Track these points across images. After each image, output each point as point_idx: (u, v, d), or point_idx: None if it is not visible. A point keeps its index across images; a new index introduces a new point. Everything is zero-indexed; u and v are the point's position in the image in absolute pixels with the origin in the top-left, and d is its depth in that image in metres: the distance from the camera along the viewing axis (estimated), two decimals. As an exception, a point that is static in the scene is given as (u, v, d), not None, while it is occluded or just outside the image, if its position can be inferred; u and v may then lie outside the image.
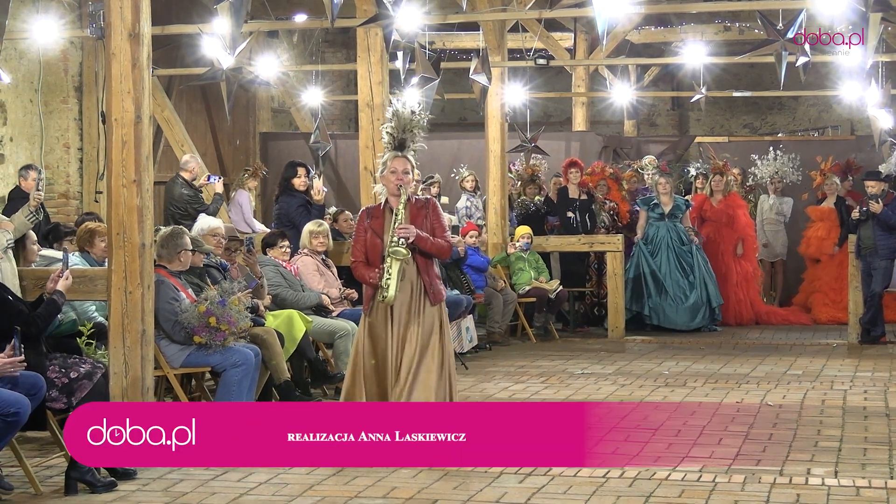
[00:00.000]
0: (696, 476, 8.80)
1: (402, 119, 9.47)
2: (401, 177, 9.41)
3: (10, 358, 7.98)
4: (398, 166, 9.43)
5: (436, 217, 9.58)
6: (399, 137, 9.48)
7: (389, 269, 9.22)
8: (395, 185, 9.38)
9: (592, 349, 16.38)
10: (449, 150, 21.57)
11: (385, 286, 9.20)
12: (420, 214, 9.50)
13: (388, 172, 9.43)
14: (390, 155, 9.48)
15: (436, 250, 9.48)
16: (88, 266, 10.71)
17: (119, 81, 9.35)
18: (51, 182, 17.79)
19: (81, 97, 18.27)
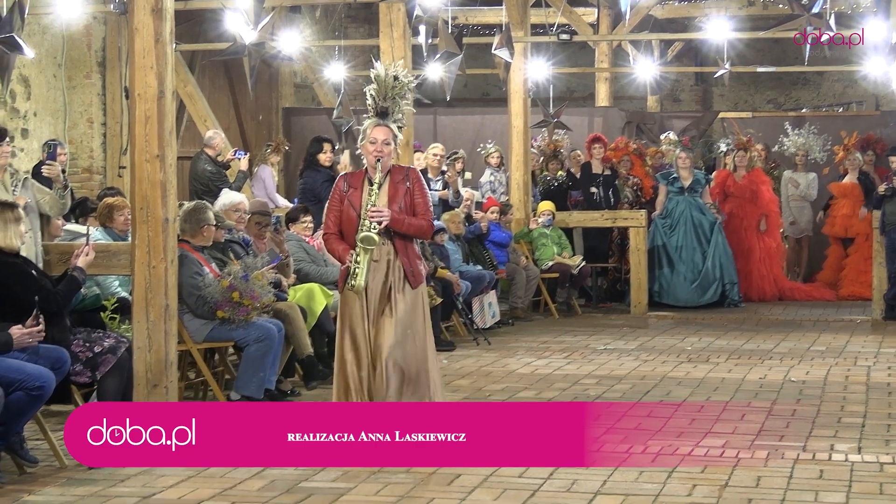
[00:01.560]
0: (718, 452, 8.79)
1: (384, 84, 8.69)
2: (380, 148, 8.61)
3: (30, 328, 8.00)
4: (378, 136, 8.62)
5: (419, 190, 8.77)
6: (380, 104, 8.70)
7: (359, 257, 8.54)
8: (374, 158, 8.61)
9: (615, 325, 16.38)
10: (472, 126, 21.57)
11: (354, 274, 8.54)
12: (400, 189, 8.70)
13: (368, 142, 8.64)
14: (371, 122, 8.69)
15: (414, 231, 8.72)
16: (111, 241, 10.73)
17: (142, 56, 9.35)
18: (74, 157, 17.83)
19: (105, 72, 18.30)
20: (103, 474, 8.26)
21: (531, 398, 10.96)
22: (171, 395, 9.40)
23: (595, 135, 19.43)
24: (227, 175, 16.47)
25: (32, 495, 7.75)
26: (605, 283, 19.00)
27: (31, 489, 7.89)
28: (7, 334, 7.91)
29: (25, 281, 8.36)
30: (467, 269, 15.49)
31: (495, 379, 12.04)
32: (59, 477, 8.23)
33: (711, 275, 18.09)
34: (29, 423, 8.37)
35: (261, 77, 18.05)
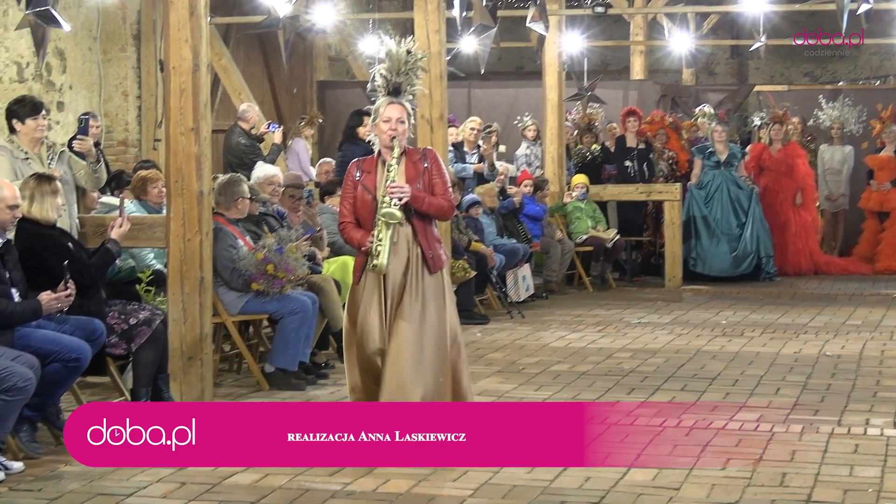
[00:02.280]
0: (753, 426, 8.79)
1: (396, 60, 8.27)
2: (394, 126, 8.13)
3: (58, 294, 8.03)
4: (392, 114, 8.16)
5: (437, 171, 8.29)
6: (393, 81, 8.28)
7: (380, 233, 8.01)
8: (388, 136, 8.14)
9: (649, 298, 16.36)
10: (506, 99, 21.51)
11: (376, 253, 8.00)
12: (417, 169, 8.24)
13: (381, 121, 8.18)
14: (383, 101, 8.24)
15: (434, 211, 8.20)
16: (146, 213, 10.77)
17: (177, 29, 9.37)
18: (109, 130, 17.89)
19: (140, 45, 18.33)
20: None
21: (565, 371, 10.97)
22: (205, 367, 9.45)
23: (630, 108, 19.35)
24: (261, 148, 16.49)
25: (68, 466, 7.80)
26: (640, 257, 18.96)
27: (67, 460, 7.93)
28: (36, 301, 7.95)
29: (60, 252, 8.40)
30: (501, 243, 15.48)
31: (529, 352, 12.05)
32: (95, 448, 8.29)
33: (749, 246, 18.02)
34: (65, 395, 8.43)
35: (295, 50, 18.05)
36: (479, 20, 14.60)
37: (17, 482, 7.43)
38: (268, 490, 7.19)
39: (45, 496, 7.15)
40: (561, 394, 9.97)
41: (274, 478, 7.38)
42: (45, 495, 7.16)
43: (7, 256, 8.13)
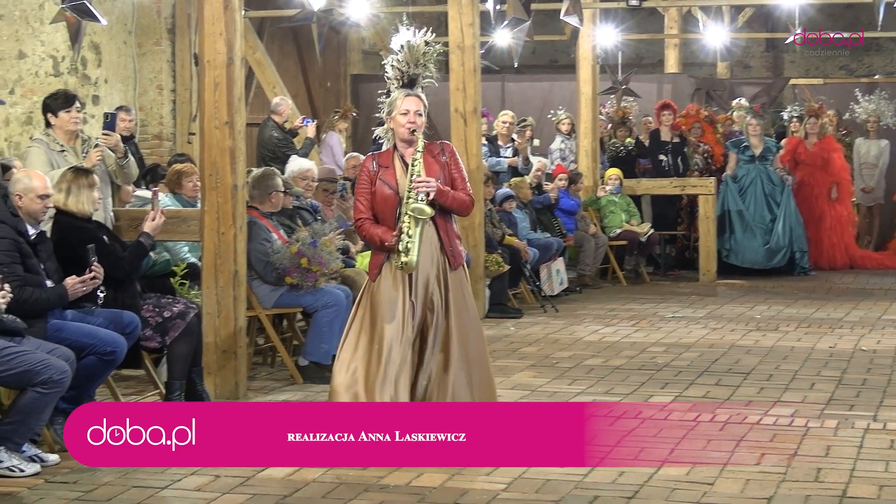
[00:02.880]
0: (787, 421, 8.76)
1: (415, 50, 8.06)
2: (413, 119, 7.91)
3: (83, 277, 8.06)
4: (410, 106, 7.93)
5: (455, 165, 8.07)
6: (410, 73, 8.07)
7: (410, 230, 7.76)
8: (408, 129, 7.91)
9: (683, 292, 16.32)
10: (540, 93, 21.50)
11: (405, 250, 7.73)
12: (436, 163, 8.00)
13: (399, 114, 7.93)
14: (401, 94, 7.99)
15: (457, 206, 7.97)
16: (180, 206, 10.81)
17: (211, 23, 9.39)
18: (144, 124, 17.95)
19: (174, 39, 18.38)
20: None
21: (598, 365, 10.96)
22: (239, 360, 9.48)
23: (664, 102, 19.32)
24: (294, 142, 16.50)
25: (104, 459, 7.85)
26: (674, 251, 18.92)
27: (103, 453, 8.00)
28: (62, 286, 7.99)
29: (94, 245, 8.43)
30: (535, 237, 15.48)
31: (562, 346, 12.05)
32: (129, 441, 8.33)
33: (781, 240, 17.95)
34: (100, 388, 8.47)
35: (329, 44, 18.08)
36: (513, 13, 14.60)
37: (52, 474, 7.47)
38: (301, 483, 7.20)
39: (80, 488, 7.18)
40: (594, 388, 9.96)
41: (307, 471, 7.39)
42: (81, 488, 7.20)
43: (40, 247, 8.18)
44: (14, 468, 7.42)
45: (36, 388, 7.43)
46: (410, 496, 6.96)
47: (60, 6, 10.80)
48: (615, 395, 9.66)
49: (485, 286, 13.98)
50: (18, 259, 7.90)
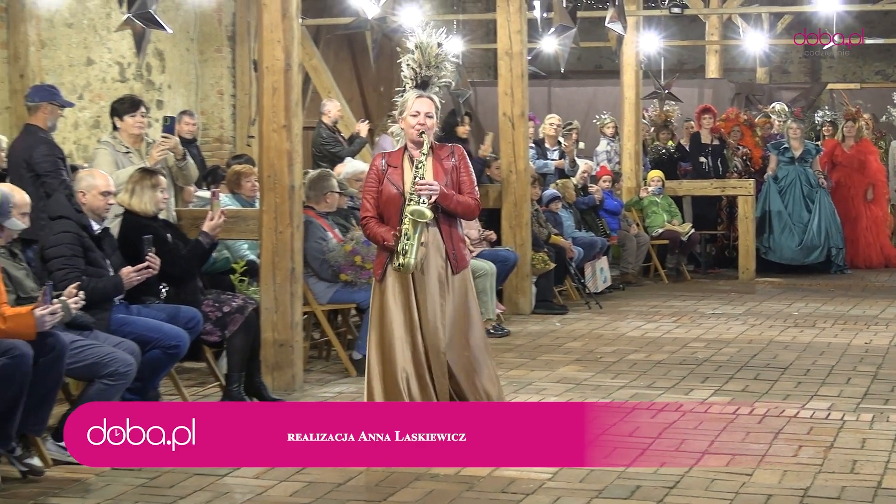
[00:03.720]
0: (824, 414, 8.72)
1: (427, 52, 7.78)
2: (423, 121, 7.67)
3: (138, 267, 8.10)
4: (420, 108, 7.68)
5: (464, 168, 7.81)
6: (423, 74, 7.79)
7: (408, 231, 7.54)
8: (417, 131, 7.67)
9: (723, 290, 16.25)
10: (585, 97, 21.47)
11: (402, 251, 7.53)
12: (444, 166, 7.76)
13: (409, 115, 7.71)
14: (412, 94, 7.74)
15: (462, 210, 7.75)
16: (240, 206, 10.85)
17: (270, 31, 9.43)
18: (205, 127, 18.03)
19: (234, 46, 18.46)
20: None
21: (641, 360, 10.93)
22: (296, 354, 9.52)
23: (705, 105, 19.25)
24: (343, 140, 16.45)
25: (167, 447, 7.90)
26: (714, 250, 18.85)
27: (166, 441, 8.04)
28: (117, 276, 8.04)
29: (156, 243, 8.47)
30: (580, 236, 15.46)
31: (606, 341, 12.03)
32: (191, 430, 8.37)
33: (816, 238, 17.87)
34: (164, 380, 8.52)
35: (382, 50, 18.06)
36: (560, 21, 14.59)
37: (118, 462, 7.53)
38: (355, 472, 7.21)
39: (145, 475, 7.23)
40: (637, 382, 9.94)
41: (361, 460, 7.40)
42: (146, 474, 7.24)
43: (104, 242, 8.25)
44: (82, 456, 7.47)
45: (103, 379, 7.48)
46: (459, 485, 6.97)
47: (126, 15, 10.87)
48: (657, 389, 9.64)
49: (531, 283, 13.98)
50: (81, 253, 7.97)
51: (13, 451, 7.07)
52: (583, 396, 9.35)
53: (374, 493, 6.84)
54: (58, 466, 7.37)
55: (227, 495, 6.84)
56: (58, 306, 7.03)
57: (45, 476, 7.17)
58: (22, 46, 14.20)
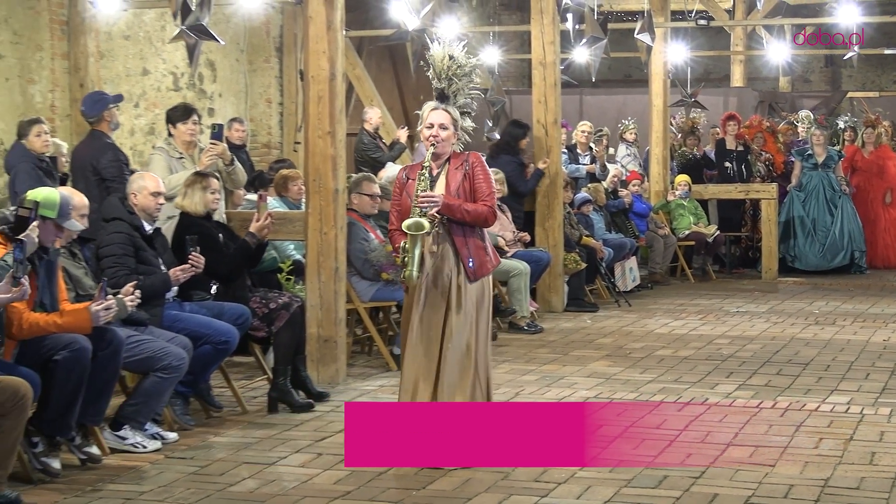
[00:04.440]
0: (844, 408, 8.68)
1: (439, 64, 7.37)
2: (436, 132, 7.26)
3: (183, 266, 8.14)
4: (434, 120, 7.28)
5: (482, 174, 7.37)
6: (439, 86, 7.37)
7: (407, 244, 7.17)
8: (428, 143, 7.30)
9: (747, 289, 16.19)
10: (615, 105, 21.42)
11: (403, 264, 7.20)
12: (458, 175, 7.34)
13: (424, 127, 7.34)
14: (428, 107, 7.37)
15: (471, 218, 7.28)
16: (286, 209, 10.88)
17: (315, 42, 9.46)
18: (254, 134, 18.08)
19: (282, 57, 18.51)
20: (279, 419, 8.43)
21: (668, 356, 10.91)
22: (340, 349, 9.54)
23: (729, 113, 19.19)
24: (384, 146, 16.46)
25: (217, 437, 7.94)
26: (738, 251, 18.79)
27: (217, 431, 8.08)
28: (164, 273, 8.07)
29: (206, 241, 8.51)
30: (610, 237, 15.44)
31: (635, 338, 12.00)
32: (240, 421, 8.41)
33: (839, 242, 17.80)
34: (215, 373, 8.56)
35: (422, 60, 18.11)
36: (591, 32, 14.58)
37: (171, 451, 7.56)
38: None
39: (196, 464, 7.26)
40: (664, 376, 9.92)
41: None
42: (197, 463, 7.28)
43: (156, 241, 8.30)
44: (138, 444, 7.52)
45: (157, 372, 7.53)
46: (495, 474, 6.97)
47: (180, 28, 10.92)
48: (683, 384, 9.61)
49: (563, 282, 13.97)
50: (132, 252, 8.03)
51: (73, 440, 7.12)
52: (612, 390, 9.34)
53: (413, 481, 6.84)
54: (114, 454, 7.42)
55: (275, 482, 6.86)
56: (112, 302, 7.07)
57: (102, 463, 7.21)
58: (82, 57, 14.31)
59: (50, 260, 7.08)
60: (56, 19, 14.24)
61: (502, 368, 10.33)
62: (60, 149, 11.79)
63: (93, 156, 10.10)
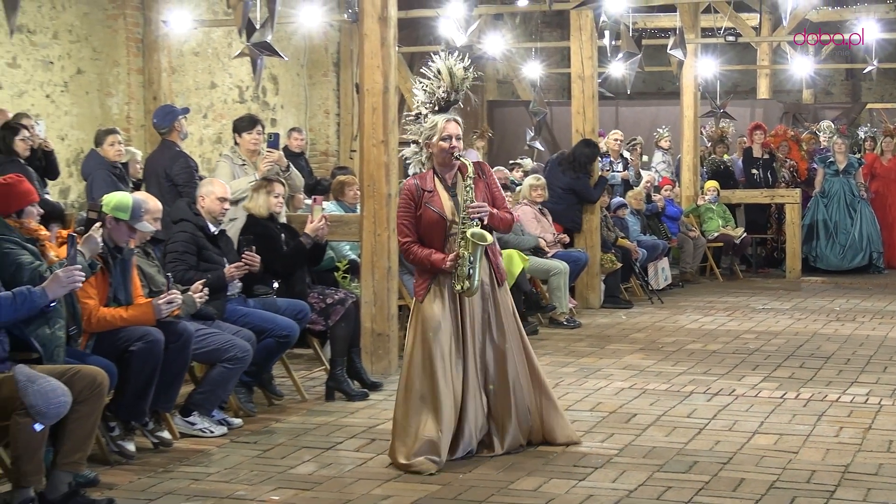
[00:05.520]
0: (863, 399, 8.61)
1: (456, 76, 7.02)
2: (455, 144, 6.87)
3: (237, 263, 8.16)
4: (452, 131, 6.87)
5: (495, 184, 7.09)
6: (452, 97, 7.05)
7: (472, 255, 6.72)
8: (450, 154, 6.87)
9: (772, 288, 16.08)
10: (648, 116, 21.36)
11: (466, 276, 6.73)
12: (481, 184, 6.98)
13: (439, 139, 6.86)
14: (442, 118, 6.90)
15: (503, 226, 7.03)
16: (343, 212, 10.90)
17: (370, 57, 9.47)
18: (313, 142, 18.16)
19: (339, 71, 18.58)
20: (336, 406, 8.44)
21: (698, 349, 10.84)
22: (392, 342, 9.54)
23: (756, 123, 19.09)
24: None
25: (279, 423, 7.96)
26: (764, 252, 18.67)
27: (278, 418, 8.10)
28: (220, 270, 8.09)
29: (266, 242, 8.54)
30: (644, 239, 15.38)
31: (667, 333, 11.94)
32: (300, 408, 8.43)
33: (858, 243, 17.67)
34: (276, 364, 8.58)
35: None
36: (626, 48, 14.56)
37: (236, 435, 7.60)
38: (444, 446, 7.19)
39: (259, 447, 7.29)
40: (694, 369, 9.86)
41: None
42: (259, 447, 7.30)
43: (220, 241, 8.33)
44: (205, 430, 7.55)
45: (223, 363, 7.56)
46: (537, 459, 6.95)
47: (246, 44, 10.97)
48: (712, 375, 9.55)
49: (600, 281, 13.94)
50: (194, 250, 8.08)
51: (146, 425, 7.17)
52: (646, 382, 9.29)
53: (461, 464, 6.83)
54: (184, 438, 7.46)
55: (332, 465, 6.87)
56: (174, 295, 7.11)
57: (173, 447, 7.25)
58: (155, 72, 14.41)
59: (124, 259, 7.14)
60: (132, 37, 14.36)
61: (543, 360, 10.28)
62: (135, 156, 11.89)
63: (164, 163, 10.17)
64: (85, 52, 14.10)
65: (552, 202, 13.52)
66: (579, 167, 13.80)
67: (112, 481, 6.52)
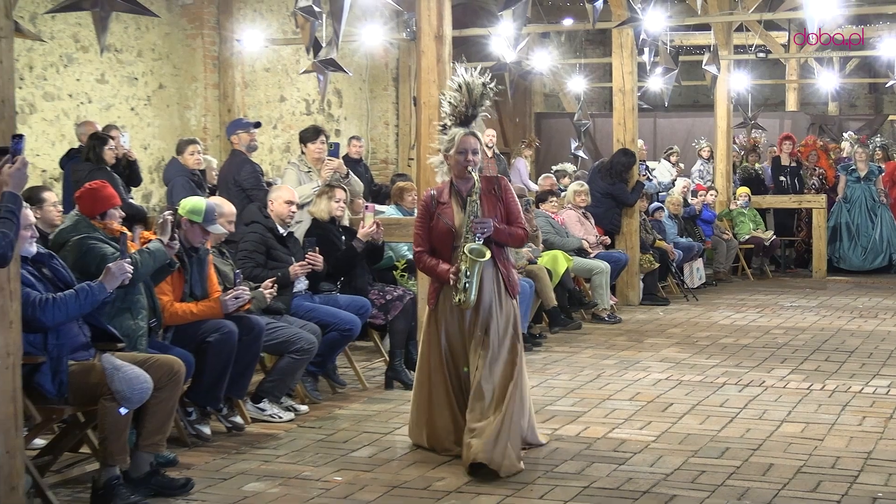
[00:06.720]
0: (885, 390, 8.52)
1: (475, 92, 6.65)
2: (470, 158, 6.53)
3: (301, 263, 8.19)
4: (468, 145, 6.53)
5: (510, 198, 6.68)
6: (470, 111, 6.66)
7: (469, 270, 6.37)
8: (464, 168, 6.54)
9: (799, 287, 15.94)
10: (684, 126, 21.28)
11: (462, 288, 6.37)
12: (491, 197, 6.62)
13: (456, 152, 6.55)
14: (460, 132, 6.57)
15: (512, 241, 6.64)
16: (401, 215, 10.91)
17: (427, 73, 9.46)
18: (374, 151, 18.21)
19: (398, 86, 18.61)
20: (394, 395, 8.45)
21: (730, 344, 10.76)
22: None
23: (785, 134, 18.97)
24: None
25: (342, 410, 7.98)
26: (792, 253, 18.52)
27: (341, 405, 8.13)
28: (286, 269, 8.12)
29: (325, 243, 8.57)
30: (680, 241, 15.29)
31: (701, 328, 11.87)
32: (361, 396, 8.45)
33: (878, 245, 17.49)
34: (340, 355, 8.61)
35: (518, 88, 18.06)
36: (664, 63, 14.52)
37: (303, 421, 7.63)
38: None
39: (323, 432, 7.31)
40: (726, 362, 9.79)
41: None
42: (324, 432, 7.33)
43: (289, 242, 8.37)
44: (274, 415, 7.59)
45: (291, 354, 7.59)
46: (579, 444, 6.93)
47: (312, 61, 11.01)
48: (744, 368, 9.48)
49: (639, 280, 13.88)
50: (263, 250, 8.14)
51: (221, 411, 7.22)
52: (681, 373, 9.24)
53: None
54: (255, 423, 7.50)
55: (390, 449, 6.88)
56: (241, 291, 7.16)
57: (244, 431, 7.29)
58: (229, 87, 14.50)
59: (200, 258, 7.19)
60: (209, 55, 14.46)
61: (586, 353, 10.28)
62: (211, 164, 11.97)
63: (233, 171, 10.22)
64: (166, 69, 14.22)
65: (594, 206, 13.48)
66: (616, 174, 13.75)
67: (189, 461, 6.57)
